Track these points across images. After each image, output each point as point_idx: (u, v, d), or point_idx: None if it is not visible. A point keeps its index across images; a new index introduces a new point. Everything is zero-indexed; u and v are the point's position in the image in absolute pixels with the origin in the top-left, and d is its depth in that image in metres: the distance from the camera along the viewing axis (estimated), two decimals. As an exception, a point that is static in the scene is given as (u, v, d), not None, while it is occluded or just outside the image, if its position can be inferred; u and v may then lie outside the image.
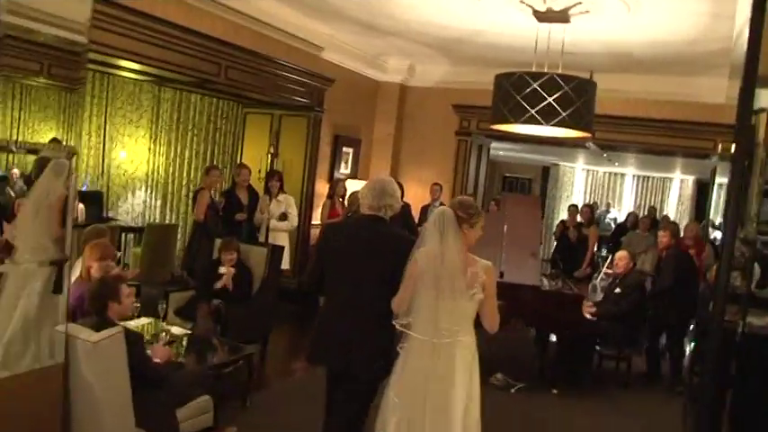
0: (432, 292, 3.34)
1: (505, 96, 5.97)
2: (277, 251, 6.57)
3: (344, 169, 10.11)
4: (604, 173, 20.21)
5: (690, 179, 18.44)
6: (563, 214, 12.97)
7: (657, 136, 9.58)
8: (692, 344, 6.90)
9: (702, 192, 17.96)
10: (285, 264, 7.54)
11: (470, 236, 3.50)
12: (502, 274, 6.32)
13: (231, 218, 7.42)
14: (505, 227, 6.74)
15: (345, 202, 7.98)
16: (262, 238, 7.59)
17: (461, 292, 3.34)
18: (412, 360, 3.40)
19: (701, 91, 9.15)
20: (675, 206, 18.68)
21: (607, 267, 8.88)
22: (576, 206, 11.31)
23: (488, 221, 3.91)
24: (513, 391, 6.41)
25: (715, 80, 8.92)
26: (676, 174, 18.39)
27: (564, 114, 5.73)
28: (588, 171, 20.28)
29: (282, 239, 7.52)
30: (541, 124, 5.78)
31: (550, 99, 5.73)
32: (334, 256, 3.71)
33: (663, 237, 7.60)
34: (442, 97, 10.61)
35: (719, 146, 9.20)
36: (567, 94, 5.74)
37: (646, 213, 14.25)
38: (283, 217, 7.43)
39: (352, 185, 9.18)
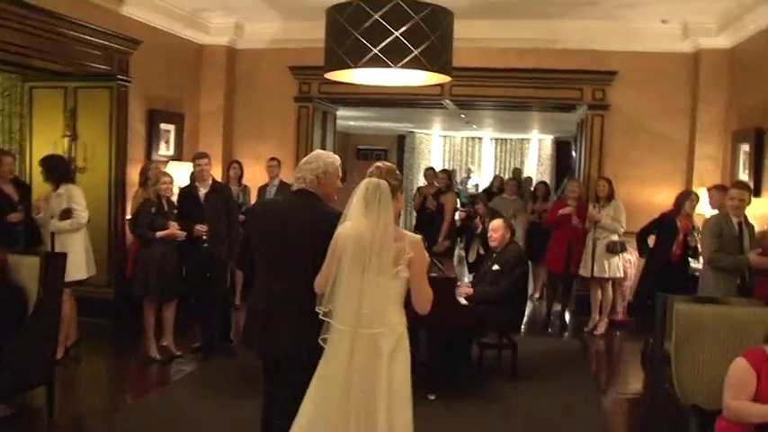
0: (354, 272, 3.08)
1: (340, 34, 4.62)
2: (55, 260, 4.90)
3: (165, 150, 8.40)
4: (462, 138, 19.51)
5: (548, 138, 18.02)
6: (422, 183, 11.74)
7: (520, 88, 8.60)
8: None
9: (562, 151, 17.55)
10: (83, 272, 5.91)
11: (398, 207, 3.28)
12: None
13: (2, 220, 5.65)
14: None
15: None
16: (49, 244, 5.86)
17: (387, 269, 3.08)
18: (332, 354, 3.14)
19: (566, 36, 8.25)
20: (535, 167, 18.21)
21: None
22: (432, 169, 10.24)
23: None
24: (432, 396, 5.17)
25: (579, 23, 8.04)
26: (534, 134, 17.93)
27: (416, 51, 4.45)
28: (445, 137, 19.50)
29: (75, 242, 5.82)
30: (388, 66, 4.47)
31: (397, 33, 4.43)
32: (258, 235, 3.53)
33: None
34: (277, 59, 9.09)
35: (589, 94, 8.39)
36: (417, 26, 4.46)
37: (510, 176, 13.45)
38: (66, 214, 5.71)
39: (176, 169, 7.56)
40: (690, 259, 6.75)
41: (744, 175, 7.17)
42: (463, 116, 12.86)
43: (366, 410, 3.06)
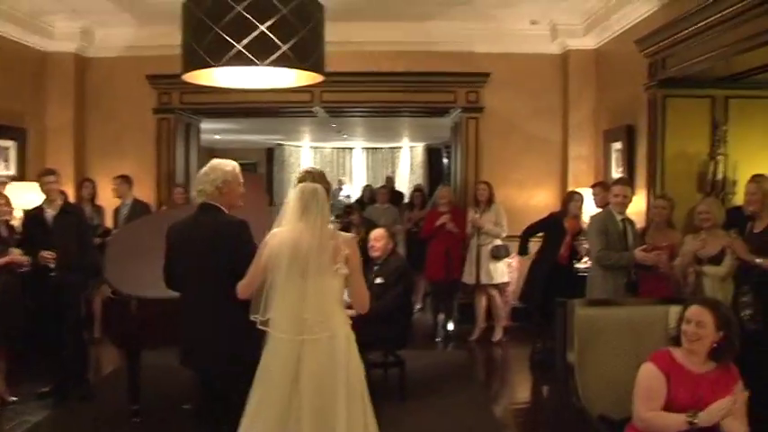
0: (292, 278, 3.08)
1: (199, 30, 4.09)
2: None
3: (4, 170, 7.49)
4: (332, 149, 19.19)
5: (419, 146, 18.00)
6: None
7: (392, 92, 8.32)
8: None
9: (434, 158, 17.57)
10: None
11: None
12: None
13: None
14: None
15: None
16: None
17: (326, 268, 3.10)
18: (275, 364, 3.08)
19: (438, 37, 8.07)
20: (408, 176, 18.13)
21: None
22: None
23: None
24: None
25: (452, 24, 7.88)
26: (405, 142, 17.87)
27: (284, 47, 3.99)
28: (315, 149, 19.11)
29: None
30: (254, 64, 3.99)
31: (263, 27, 3.96)
32: (175, 251, 3.51)
33: None
34: (132, 68, 8.29)
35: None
36: (285, 19, 4.01)
37: (382, 184, 13.23)
38: None
39: (19, 190, 6.73)
40: (576, 261, 6.68)
41: (617, 173, 7.21)
42: (334, 125, 12.51)
43: (323, 418, 3.01)
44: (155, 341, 4.72)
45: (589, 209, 6.98)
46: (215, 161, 3.62)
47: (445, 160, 16.23)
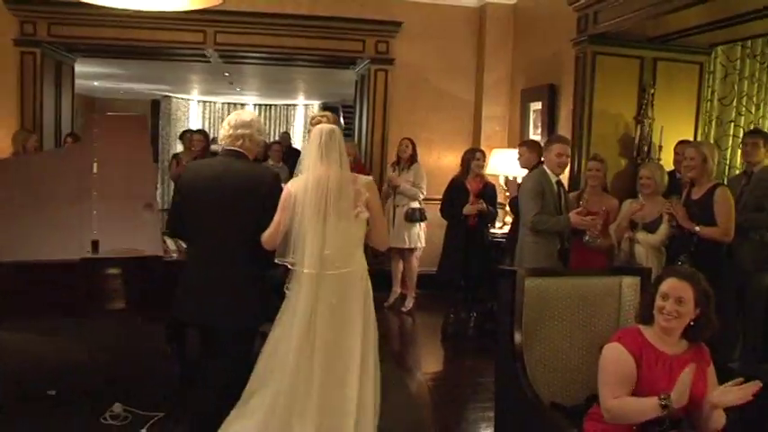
0: (314, 220, 3.11)
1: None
2: None
3: None
4: (223, 104, 18.04)
5: (316, 104, 17.18)
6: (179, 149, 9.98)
7: (294, 37, 7.51)
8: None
9: (331, 116, 16.82)
10: None
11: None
12: (96, 245, 3.76)
13: None
14: (95, 166, 4.14)
15: None
16: None
17: (347, 212, 3.14)
18: (298, 298, 3.14)
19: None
20: (302, 134, 17.31)
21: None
22: (190, 131, 8.81)
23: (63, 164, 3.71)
24: (144, 431, 3.92)
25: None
26: (300, 99, 17.01)
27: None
28: (205, 103, 17.91)
29: None
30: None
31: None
32: (192, 198, 3.34)
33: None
34: (-10, -8, 7.15)
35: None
36: None
37: (277, 139, 12.42)
38: None
39: None
40: (486, 225, 6.23)
41: (535, 136, 6.82)
42: (227, 74, 11.51)
43: (336, 352, 3.11)
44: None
45: (509, 170, 6.57)
46: (247, 113, 3.57)
47: (342, 119, 15.52)
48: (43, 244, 3.81)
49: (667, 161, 5.66)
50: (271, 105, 17.97)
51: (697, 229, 4.41)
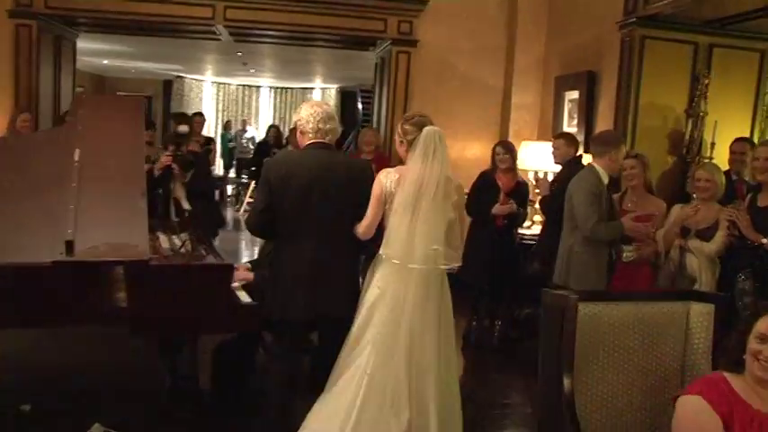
0: (407, 214, 3.19)
1: None
2: None
3: None
4: (238, 86, 17.56)
5: (332, 88, 16.65)
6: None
7: (309, 14, 6.94)
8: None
9: (347, 102, 16.23)
10: None
11: None
12: (71, 245, 3.20)
13: None
14: (77, 153, 3.61)
15: None
16: None
17: (439, 209, 3.20)
18: (389, 288, 3.25)
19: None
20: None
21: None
22: (201, 114, 8.32)
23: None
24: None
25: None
26: (317, 83, 16.47)
27: None
28: (219, 84, 17.41)
29: None
30: None
31: None
32: (295, 194, 3.28)
33: None
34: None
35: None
36: None
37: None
38: None
39: None
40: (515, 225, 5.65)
41: (570, 128, 6.23)
42: (240, 54, 10.96)
43: (420, 346, 3.20)
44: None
45: (538, 164, 6.00)
46: (325, 106, 3.56)
47: (360, 105, 14.93)
48: (8, 244, 3.28)
49: (721, 160, 5.06)
50: (286, 89, 17.45)
51: (764, 241, 3.82)
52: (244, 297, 3.67)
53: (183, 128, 5.71)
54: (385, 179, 3.26)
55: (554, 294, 2.71)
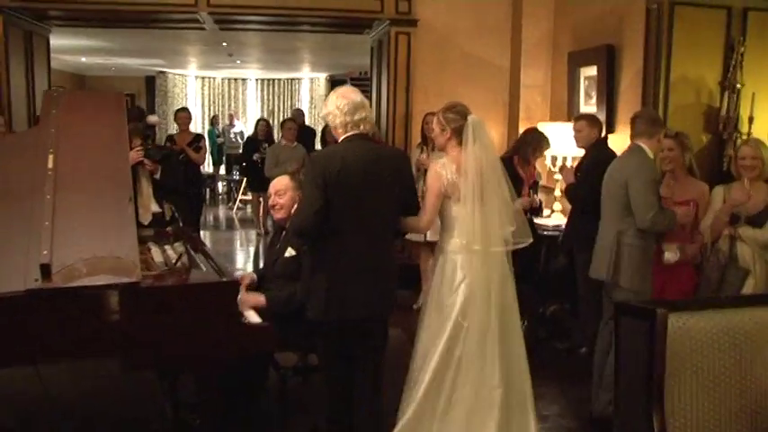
0: (476, 201, 3.26)
1: None
2: None
3: None
4: (223, 79, 17.00)
5: (322, 77, 16.10)
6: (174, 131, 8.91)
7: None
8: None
9: (338, 89, 15.73)
10: None
11: None
12: (47, 269, 2.70)
13: None
14: (50, 159, 3.15)
15: None
16: None
17: (498, 192, 3.31)
18: (476, 275, 3.28)
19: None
20: (308, 110, 16.22)
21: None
22: (186, 110, 7.83)
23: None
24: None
25: None
26: (305, 72, 15.92)
27: None
28: (204, 79, 16.84)
29: None
30: None
31: None
32: (346, 189, 3.10)
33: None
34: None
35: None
36: None
37: (289, 116, 11.34)
38: None
39: None
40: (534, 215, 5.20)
41: (587, 107, 5.77)
42: (225, 44, 10.43)
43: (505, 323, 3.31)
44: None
45: (560, 148, 5.54)
46: (343, 92, 3.26)
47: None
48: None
49: (762, 135, 4.60)
50: (274, 80, 16.91)
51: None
52: (252, 317, 3.22)
53: (153, 118, 5.24)
54: (443, 171, 3.27)
55: (635, 307, 2.25)
